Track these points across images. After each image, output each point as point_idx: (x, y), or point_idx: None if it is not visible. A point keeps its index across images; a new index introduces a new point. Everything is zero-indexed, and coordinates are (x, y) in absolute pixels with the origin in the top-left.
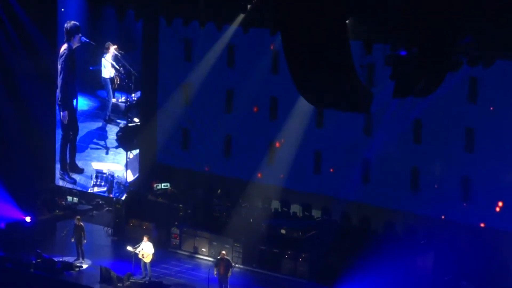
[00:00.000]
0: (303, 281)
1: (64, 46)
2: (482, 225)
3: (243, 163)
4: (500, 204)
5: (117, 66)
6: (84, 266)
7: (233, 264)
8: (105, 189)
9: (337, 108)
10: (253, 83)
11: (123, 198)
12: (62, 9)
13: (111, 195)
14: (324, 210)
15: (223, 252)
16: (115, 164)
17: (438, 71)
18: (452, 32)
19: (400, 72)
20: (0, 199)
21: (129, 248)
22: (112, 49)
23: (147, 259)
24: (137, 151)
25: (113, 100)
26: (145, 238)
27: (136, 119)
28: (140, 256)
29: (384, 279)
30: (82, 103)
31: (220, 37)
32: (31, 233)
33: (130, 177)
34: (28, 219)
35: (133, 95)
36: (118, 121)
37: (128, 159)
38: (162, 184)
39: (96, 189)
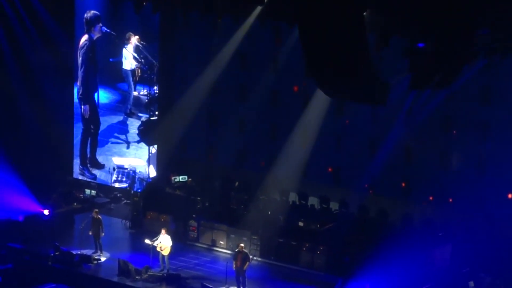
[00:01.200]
0: (321, 274)
1: (85, 37)
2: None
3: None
4: None
5: (138, 58)
6: (102, 259)
7: (250, 257)
8: (126, 185)
9: (355, 100)
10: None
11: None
12: None
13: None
14: (341, 203)
15: (241, 244)
16: (136, 159)
17: (455, 63)
18: (469, 24)
19: (417, 64)
20: (19, 193)
21: (147, 240)
22: (134, 40)
23: (165, 251)
24: None
25: (135, 93)
26: (163, 231)
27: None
28: (158, 248)
29: (402, 271)
30: (103, 96)
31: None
32: (49, 226)
33: (152, 172)
34: (46, 212)
35: (155, 87)
36: (140, 114)
37: (150, 154)
38: (180, 177)
39: (117, 185)
